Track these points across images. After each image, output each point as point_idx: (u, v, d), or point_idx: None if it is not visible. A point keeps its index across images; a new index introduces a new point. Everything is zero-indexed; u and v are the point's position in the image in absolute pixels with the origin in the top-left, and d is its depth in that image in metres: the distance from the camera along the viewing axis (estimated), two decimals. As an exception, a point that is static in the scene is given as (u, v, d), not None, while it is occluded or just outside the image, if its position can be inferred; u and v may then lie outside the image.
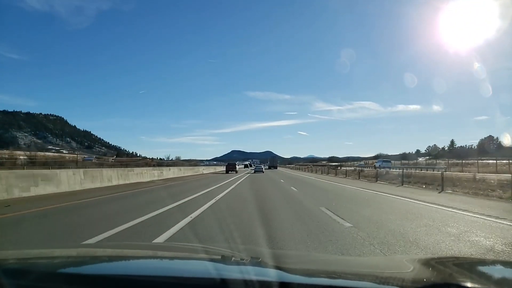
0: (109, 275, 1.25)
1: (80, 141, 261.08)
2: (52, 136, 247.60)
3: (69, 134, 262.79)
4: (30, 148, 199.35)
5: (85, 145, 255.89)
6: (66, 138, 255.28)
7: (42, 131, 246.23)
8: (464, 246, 5.01)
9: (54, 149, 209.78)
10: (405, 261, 1.62)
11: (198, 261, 1.59)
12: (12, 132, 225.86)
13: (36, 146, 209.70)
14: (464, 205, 9.82)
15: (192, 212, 8.32)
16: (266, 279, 1.12)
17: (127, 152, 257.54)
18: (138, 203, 11.09)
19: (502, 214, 8.00)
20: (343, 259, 2.75)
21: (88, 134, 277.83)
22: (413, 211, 8.75)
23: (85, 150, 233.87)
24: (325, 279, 1.32)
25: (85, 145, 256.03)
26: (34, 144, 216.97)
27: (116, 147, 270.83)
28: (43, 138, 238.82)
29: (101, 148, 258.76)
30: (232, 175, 35.53)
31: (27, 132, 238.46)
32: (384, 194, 13.68)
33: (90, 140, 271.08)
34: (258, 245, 4.84)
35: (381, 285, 1.12)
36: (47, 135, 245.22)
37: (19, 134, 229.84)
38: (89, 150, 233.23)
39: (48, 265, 1.47)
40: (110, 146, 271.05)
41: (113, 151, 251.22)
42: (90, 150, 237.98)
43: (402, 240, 5.29)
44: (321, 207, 9.48)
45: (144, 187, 18.13)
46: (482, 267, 1.65)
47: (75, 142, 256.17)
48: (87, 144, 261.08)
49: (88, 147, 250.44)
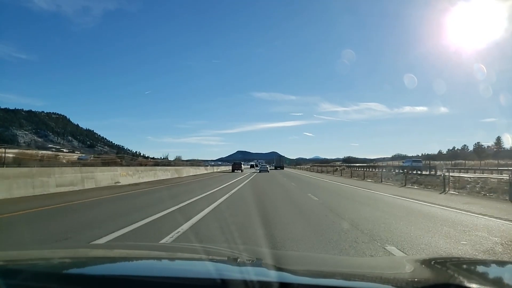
0: (108, 275, 1.25)
1: (82, 140, 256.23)
2: (54, 135, 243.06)
3: (71, 132, 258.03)
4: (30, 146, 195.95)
5: (87, 144, 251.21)
6: (67, 137, 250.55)
7: (43, 129, 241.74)
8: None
9: (54, 148, 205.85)
10: (406, 262, 1.59)
11: (198, 261, 1.59)
12: (12, 130, 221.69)
13: (36, 144, 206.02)
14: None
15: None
16: (266, 279, 1.12)
17: (130, 151, 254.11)
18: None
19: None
20: (344, 260, 2.69)
21: (90, 133, 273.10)
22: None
23: (87, 149, 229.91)
24: (325, 280, 1.32)
25: (87, 144, 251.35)
26: (34, 142, 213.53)
27: (119, 146, 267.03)
28: (44, 136, 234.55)
29: (104, 147, 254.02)
30: (233, 178, 29.04)
31: (27, 130, 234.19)
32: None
33: (92, 139, 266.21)
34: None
35: (382, 285, 1.13)
36: (48, 134, 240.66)
37: (20, 132, 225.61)
38: (91, 149, 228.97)
39: (49, 265, 1.47)
40: (113, 145, 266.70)
41: (116, 150, 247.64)
42: (92, 149, 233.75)
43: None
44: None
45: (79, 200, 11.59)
46: (482, 268, 1.63)
47: (76, 141, 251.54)
48: (89, 143, 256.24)
49: (90, 146, 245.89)
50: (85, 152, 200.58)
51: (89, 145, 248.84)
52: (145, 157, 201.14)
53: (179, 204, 9.62)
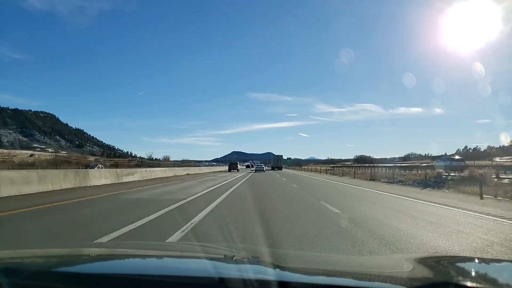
0: (108, 274, 1.25)
1: (70, 140, 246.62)
2: (40, 134, 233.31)
3: (59, 132, 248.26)
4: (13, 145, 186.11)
5: (75, 144, 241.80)
6: (55, 136, 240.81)
7: (29, 128, 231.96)
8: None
9: (40, 147, 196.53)
10: (404, 260, 1.57)
11: (197, 259, 1.59)
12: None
13: (20, 144, 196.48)
14: None
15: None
16: (265, 278, 1.12)
17: (121, 151, 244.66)
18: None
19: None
20: (342, 258, 2.64)
21: (80, 132, 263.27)
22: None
23: (75, 149, 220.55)
24: (323, 278, 1.31)
25: (76, 144, 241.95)
26: (18, 141, 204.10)
27: (110, 146, 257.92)
28: (29, 135, 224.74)
29: (93, 147, 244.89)
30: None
31: (12, 129, 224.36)
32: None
33: (82, 138, 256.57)
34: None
35: (380, 284, 1.13)
36: (34, 133, 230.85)
37: (3, 131, 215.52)
38: (79, 149, 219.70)
39: (49, 263, 1.47)
40: (104, 145, 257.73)
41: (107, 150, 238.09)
42: (80, 148, 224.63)
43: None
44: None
45: None
46: (481, 266, 1.60)
47: (64, 141, 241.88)
48: (78, 142, 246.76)
49: (79, 146, 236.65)
50: (73, 152, 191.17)
51: (77, 145, 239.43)
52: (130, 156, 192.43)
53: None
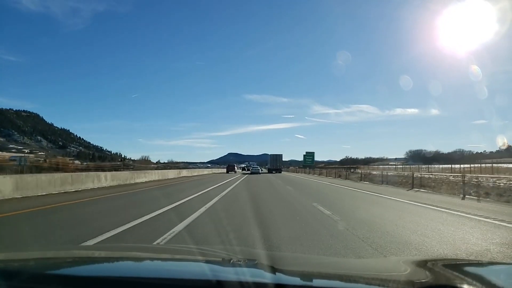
0: (104, 276, 1.24)
1: (53, 140, 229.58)
2: (20, 134, 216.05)
3: (42, 132, 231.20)
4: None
5: (58, 145, 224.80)
6: (36, 137, 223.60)
7: (7, 128, 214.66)
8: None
9: (16, 148, 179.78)
10: (401, 263, 1.58)
11: (193, 262, 1.57)
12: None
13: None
14: None
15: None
16: (262, 280, 1.12)
17: (109, 152, 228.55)
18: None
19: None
20: (339, 261, 2.63)
21: (65, 132, 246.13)
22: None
23: (58, 150, 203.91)
24: (321, 281, 1.31)
25: (59, 145, 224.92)
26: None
27: (97, 147, 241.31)
28: (7, 135, 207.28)
29: (78, 148, 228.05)
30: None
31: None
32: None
33: (67, 139, 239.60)
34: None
35: (377, 287, 1.12)
36: (12, 133, 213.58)
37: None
38: (62, 150, 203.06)
39: (45, 266, 1.45)
40: (90, 146, 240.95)
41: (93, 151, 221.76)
42: (63, 150, 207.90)
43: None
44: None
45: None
46: (478, 269, 1.61)
47: (46, 141, 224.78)
48: (62, 143, 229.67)
49: (62, 147, 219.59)
50: (55, 153, 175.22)
51: (60, 146, 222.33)
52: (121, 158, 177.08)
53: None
